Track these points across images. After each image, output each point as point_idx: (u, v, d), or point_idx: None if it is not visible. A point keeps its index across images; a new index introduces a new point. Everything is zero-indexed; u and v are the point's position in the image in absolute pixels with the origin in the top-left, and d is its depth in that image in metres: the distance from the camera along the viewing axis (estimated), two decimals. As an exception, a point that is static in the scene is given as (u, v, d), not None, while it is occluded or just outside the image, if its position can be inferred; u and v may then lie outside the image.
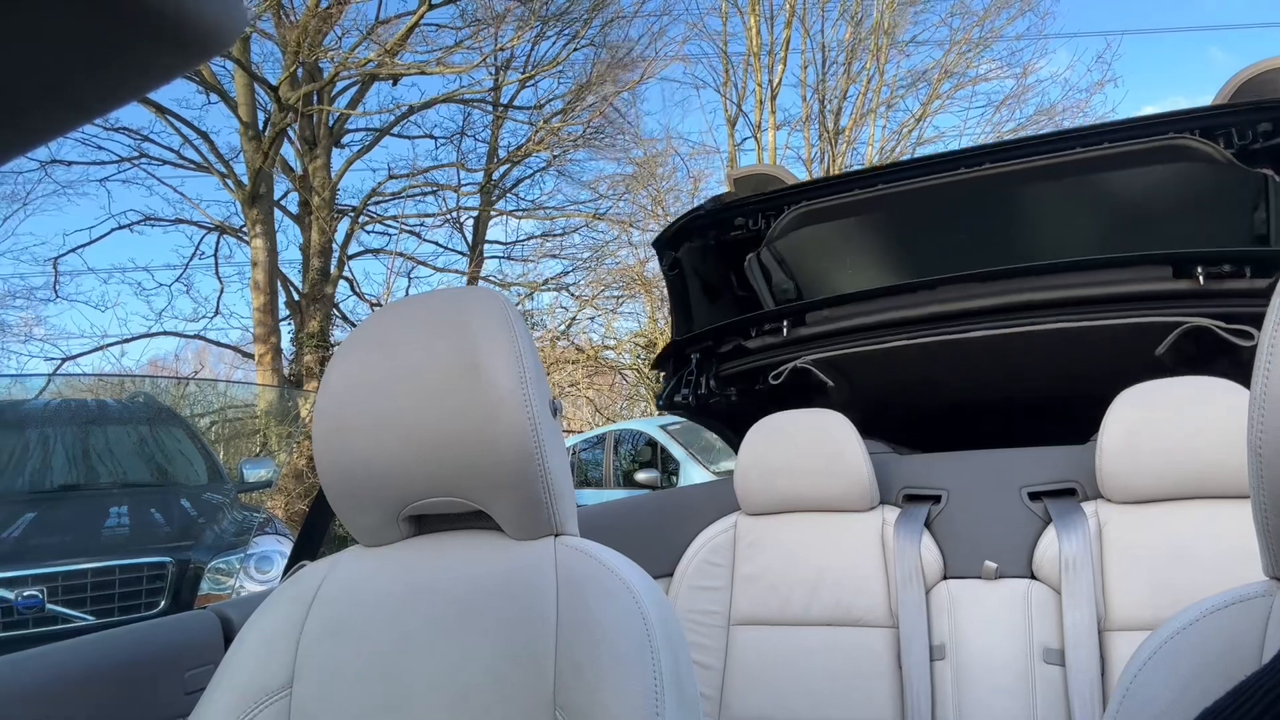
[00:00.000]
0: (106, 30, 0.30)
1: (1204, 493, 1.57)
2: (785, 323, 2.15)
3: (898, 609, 1.73)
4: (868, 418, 2.53)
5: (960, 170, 2.00)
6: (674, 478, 6.62)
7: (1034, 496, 1.79)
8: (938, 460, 1.99)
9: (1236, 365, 1.88)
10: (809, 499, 1.88)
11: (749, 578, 1.89)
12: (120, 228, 11.95)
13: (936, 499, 1.87)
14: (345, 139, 12.81)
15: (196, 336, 12.85)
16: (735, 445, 2.70)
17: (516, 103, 14.01)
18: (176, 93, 11.14)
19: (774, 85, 14.47)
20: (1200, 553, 1.53)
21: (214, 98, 11.15)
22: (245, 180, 11.04)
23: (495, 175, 14.29)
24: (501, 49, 12.52)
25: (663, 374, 2.56)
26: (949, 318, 1.97)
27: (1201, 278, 1.73)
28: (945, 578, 1.77)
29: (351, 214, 12.91)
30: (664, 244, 2.37)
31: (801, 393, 2.42)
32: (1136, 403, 1.63)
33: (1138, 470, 1.60)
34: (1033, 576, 1.71)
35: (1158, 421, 1.59)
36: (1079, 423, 2.11)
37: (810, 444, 1.88)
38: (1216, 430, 1.54)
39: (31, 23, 0.29)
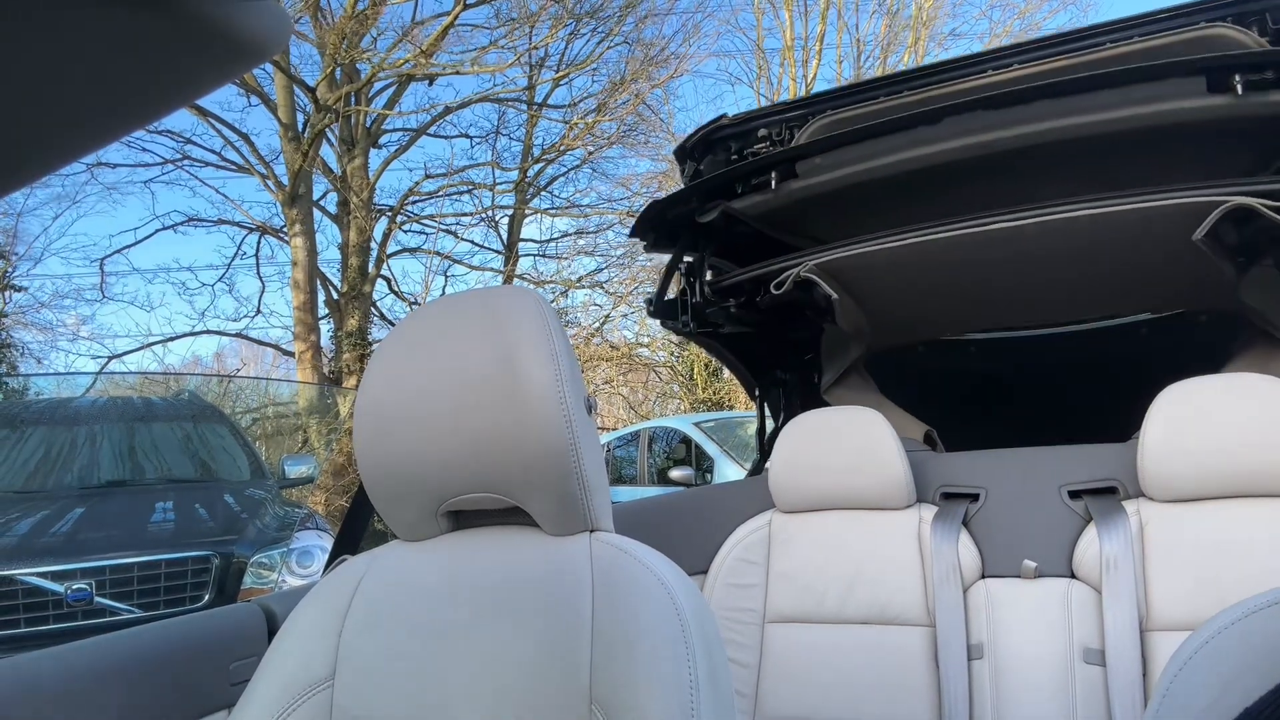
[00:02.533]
0: (158, 40, 0.31)
1: (1248, 491, 1.54)
2: (774, 175, 1.94)
3: (935, 608, 1.71)
4: (882, 345, 2.42)
5: (988, 72, 1.88)
6: (708, 475, 6.61)
7: (1074, 495, 1.76)
8: (976, 458, 1.97)
9: None
10: (844, 496, 1.87)
11: (784, 575, 1.88)
12: (164, 229, 12.24)
13: (974, 497, 1.85)
14: (383, 139, 12.96)
15: (239, 335, 13.09)
16: (746, 380, 2.57)
17: (551, 101, 14.08)
18: (218, 96, 11.34)
19: (809, 80, 14.38)
20: (1244, 552, 1.50)
21: (255, 100, 11.35)
22: (285, 181, 11.21)
23: (530, 173, 14.37)
24: (536, 48, 12.59)
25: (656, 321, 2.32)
26: (958, 163, 1.79)
27: (1240, 87, 1.56)
28: (983, 576, 1.75)
29: (389, 213, 13.06)
30: (686, 153, 2.24)
31: (808, 315, 2.32)
32: (1178, 400, 1.60)
33: (1180, 468, 1.57)
34: (1073, 576, 1.69)
35: (1200, 419, 1.56)
36: (1116, 368, 2.03)
37: (846, 441, 1.86)
38: (1260, 427, 1.50)
39: (88, 35, 0.30)
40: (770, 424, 2.78)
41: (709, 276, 2.24)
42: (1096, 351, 2.44)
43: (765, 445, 2.78)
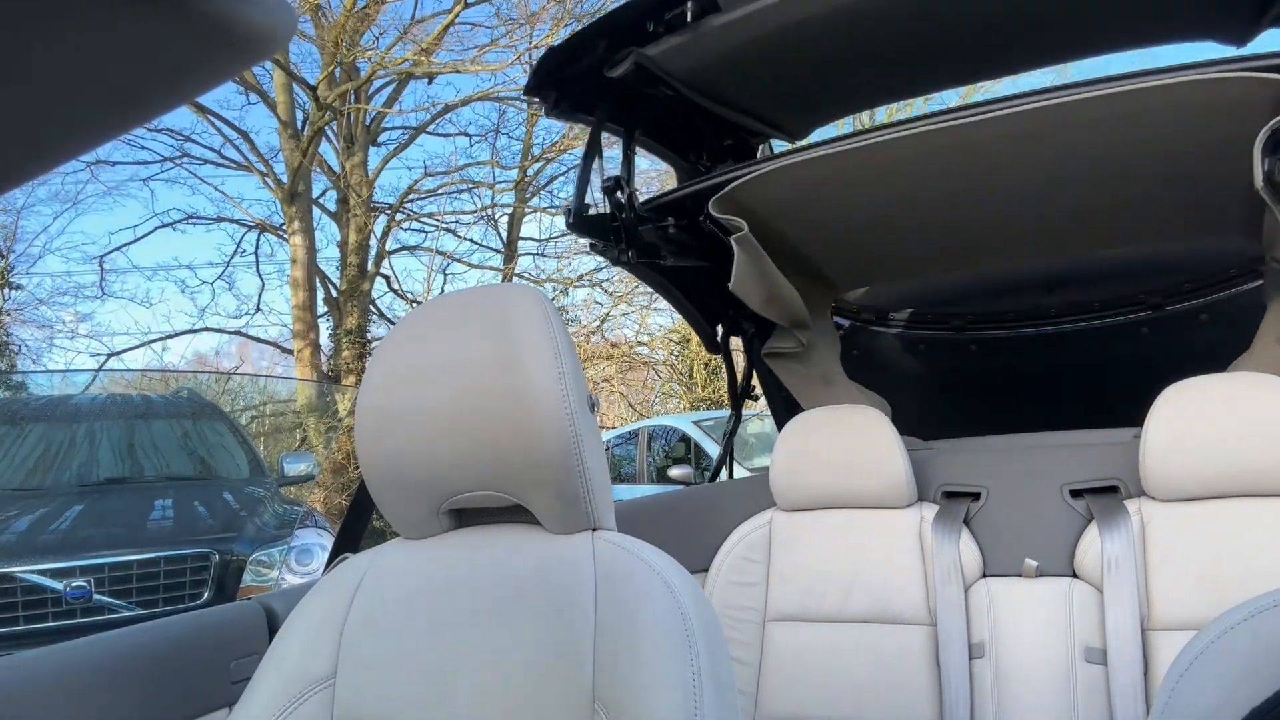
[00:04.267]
0: (160, 36, 0.31)
1: (1251, 490, 1.54)
2: (690, 6, 1.55)
3: (936, 607, 1.71)
4: (844, 289, 2.24)
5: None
6: (708, 473, 6.61)
7: (1075, 494, 1.76)
8: (977, 457, 1.97)
9: None
10: (845, 495, 1.87)
11: (784, 574, 1.88)
12: (164, 226, 12.24)
13: (976, 496, 1.85)
14: (382, 137, 12.95)
15: (238, 333, 13.08)
16: (701, 328, 2.30)
17: (552, 100, 14.04)
18: (217, 93, 11.33)
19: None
20: (1247, 552, 1.50)
21: (254, 98, 11.35)
22: (284, 179, 11.21)
23: (530, 172, 14.36)
24: (536, 47, 12.56)
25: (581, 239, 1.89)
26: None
27: None
28: (984, 575, 1.75)
29: (388, 211, 13.05)
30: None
31: None
32: (1181, 398, 1.60)
33: (1182, 467, 1.57)
34: (1074, 575, 1.68)
35: (1203, 418, 1.55)
36: (1118, 368, 1.88)
37: (847, 440, 1.86)
38: (1262, 426, 1.50)
39: (88, 30, 0.30)
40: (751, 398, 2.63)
41: (652, 189, 1.91)
42: (1099, 351, 2.44)
43: (736, 399, 2.61)
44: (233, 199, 12.46)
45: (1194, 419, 1.56)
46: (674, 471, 6.68)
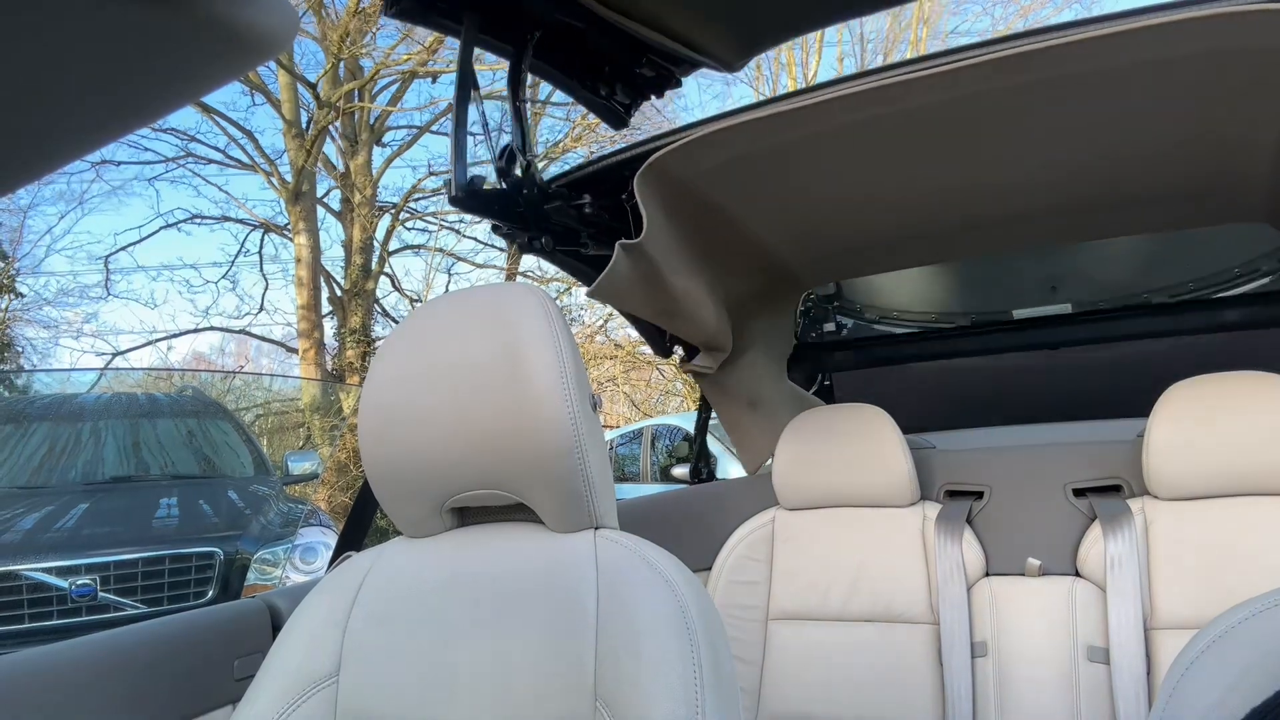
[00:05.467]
0: (164, 36, 0.31)
1: (1253, 490, 1.54)
2: None
3: (939, 605, 1.71)
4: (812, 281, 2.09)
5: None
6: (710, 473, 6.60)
7: (1078, 493, 1.76)
8: (980, 456, 1.97)
9: None
10: (848, 494, 1.87)
11: (787, 572, 1.89)
12: (168, 226, 12.25)
13: (979, 495, 1.85)
14: (386, 136, 12.95)
15: (242, 332, 13.10)
16: (647, 331, 2.09)
17: (554, 99, 14.06)
18: (222, 93, 11.36)
19: (809, 78, 14.35)
20: (1250, 550, 1.50)
21: (259, 98, 11.36)
22: (289, 178, 11.23)
23: (533, 171, 14.32)
24: (539, 45, 12.53)
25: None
26: None
27: None
28: (987, 574, 1.75)
29: (392, 211, 13.05)
30: None
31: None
32: (1184, 398, 1.60)
33: (1185, 467, 1.57)
34: (1077, 574, 1.69)
35: (1206, 418, 1.55)
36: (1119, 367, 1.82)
37: (850, 439, 1.86)
38: (1266, 425, 1.50)
39: (93, 32, 0.30)
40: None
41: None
42: (1102, 352, 2.44)
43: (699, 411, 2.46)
44: (237, 199, 12.52)
45: (1197, 418, 1.56)
46: (677, 470, 6.66)
